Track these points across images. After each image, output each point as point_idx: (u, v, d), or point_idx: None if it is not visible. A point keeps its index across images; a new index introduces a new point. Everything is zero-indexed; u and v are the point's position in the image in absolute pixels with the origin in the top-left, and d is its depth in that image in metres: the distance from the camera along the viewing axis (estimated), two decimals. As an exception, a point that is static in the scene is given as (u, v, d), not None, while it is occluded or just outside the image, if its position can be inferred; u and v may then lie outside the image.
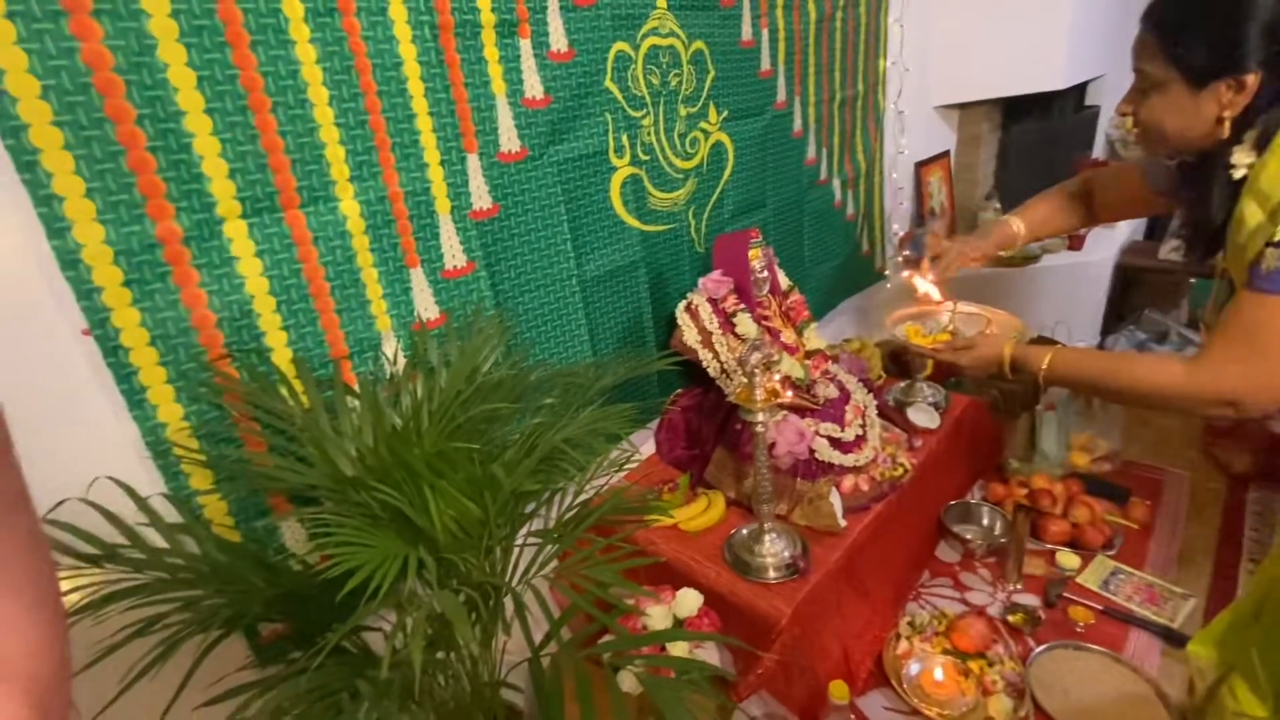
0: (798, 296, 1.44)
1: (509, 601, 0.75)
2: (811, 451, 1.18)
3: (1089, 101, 2.68)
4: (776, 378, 1.06)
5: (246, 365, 0.81)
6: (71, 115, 0.66)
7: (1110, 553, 1.37)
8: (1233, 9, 0.83)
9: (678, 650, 0.93)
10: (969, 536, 1.40)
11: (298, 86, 0.80)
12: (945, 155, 2.32)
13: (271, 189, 0.81)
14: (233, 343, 0.81)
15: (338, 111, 0.84)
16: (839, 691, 0.97)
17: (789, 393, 1.21)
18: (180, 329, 0.76)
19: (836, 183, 1.85)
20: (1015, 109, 2.36)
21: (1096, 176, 1.32)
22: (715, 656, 0.99)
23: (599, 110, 1.16)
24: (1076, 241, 2.24)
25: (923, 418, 1.43)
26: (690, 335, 1.28)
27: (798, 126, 1.65)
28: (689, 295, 1.32)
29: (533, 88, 1.05)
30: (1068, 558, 1.35)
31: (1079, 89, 2.53)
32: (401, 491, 0.73)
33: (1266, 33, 0.82)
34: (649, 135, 1.27)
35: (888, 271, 2.18)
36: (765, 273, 1.34)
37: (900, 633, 1.20)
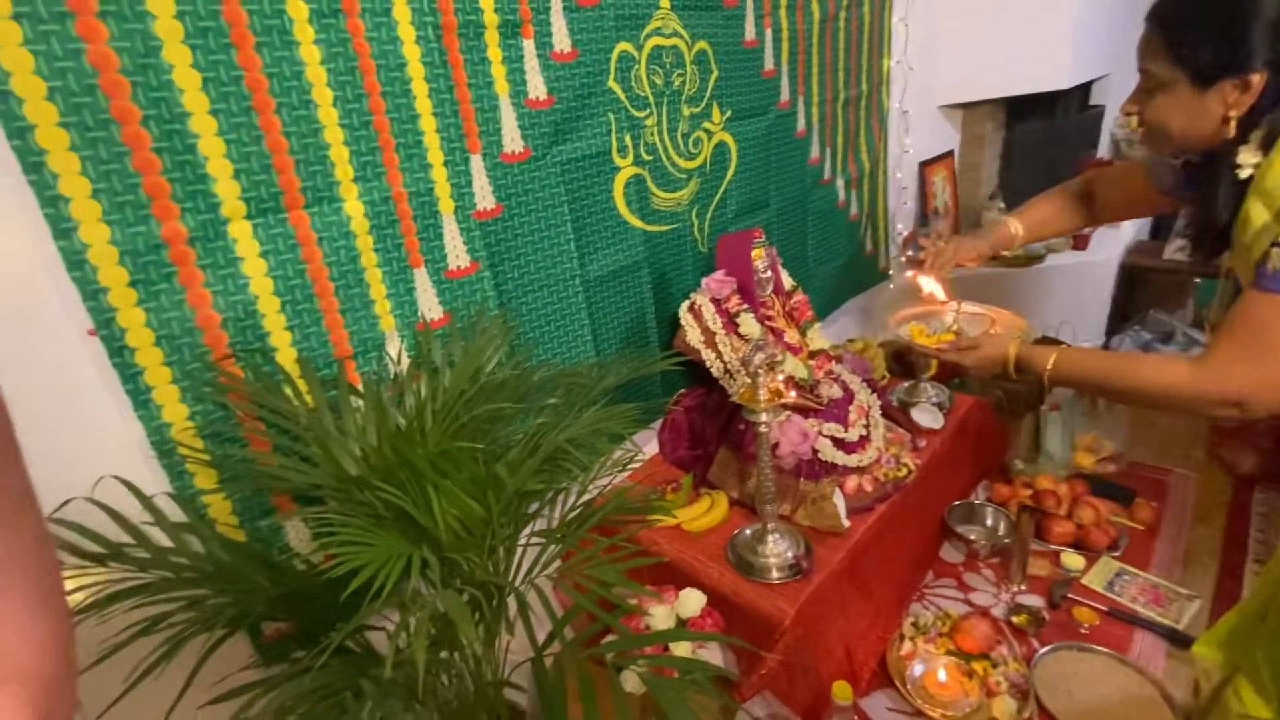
0: (801, 296, 1.44)
1: (512, 601, 0.75)
2: (815, 452, 1.18)
3: (1094, 101, 2.67)
4: (780, 378, 1.06)
5: (251, 365, 0.82)
6: (78, 116, 0.66)
7: (1115, 554, 1.37)
8: (1238, 8, 0.83)
9: (681, 650, 0.93)
10: (973, 537, 1.39)
11: (302, 87, 0.81)
12: (949, 155, 2.31)
13: (276, 189, 0.81)
14: (237, 343, 0.81)
15: (342, 112, 0.85)
16: (842, 692, 0.97)
17: (792, 393, 1.21)
18: (185, 329, 0.77)
19: (840, 182, 1.85)
20: (1020, 108, 2.35)
21: (1099, 177, 1.31)
22: (718, 657, 0.99)
23: (602, 110, 1.16)
24: (1081, 241, 2.23)
25: (927, 418, 1.42)
26: (693, 335, 1.28)
27: (801, 126, 1.65)
28: (692, 295, 1.32)
29: (536, 88, 1.05)
30: (1072, 559, 1.34)
31: (1084, 88, 2.52)
32: (405, 491, 0.73)
33: (1272, 32, 0.81)
34: (652, 135, 1.27)
35: (891, 271, 2.18)
36: (769, 273, 1.34)
37: (904, 633, 1.20)
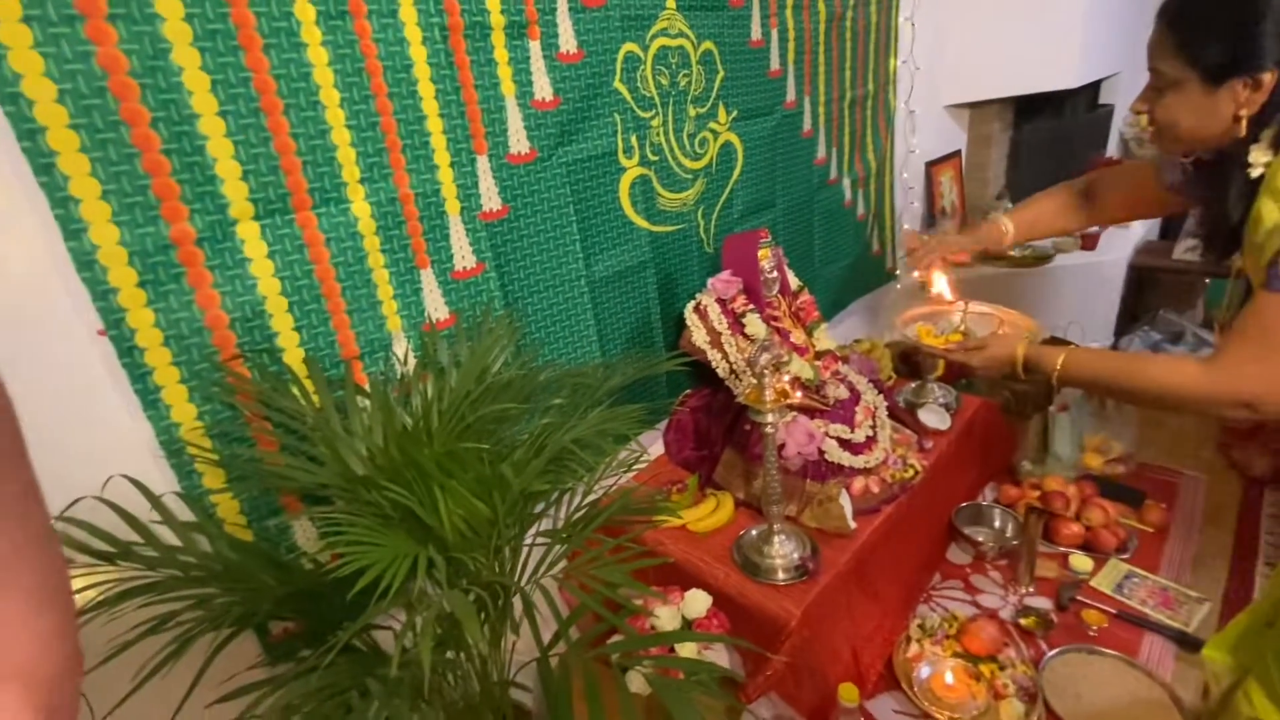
0: (807, 297, 1.44)
1: (518, 601, 0.75)
2: (821, 453, 1.18)
3: (1102, 100, 2.65)
4: (786, 378, 1.05)
5: (259, 365, 0.82)
6: (88, 118, 0.67)
7: (1124, 556, 1.36)
8: (1249, 7, 0.82)
9: (686, 651, 0.93)
10: (980, 539, 1.38)
11: (310, 89, 0.81)
12: (956, 155, 2.30)
13: (284, 191, 0.81)
14: (245, 343, 0.81)
15: (349, 114, 0.85)
16: (849, 694, 0.97)
17: (798, 394, 1.21)
18: (194, 329, 0.77)
19: (847, 182, 1.84)
20: (1027, 108, 2.34)
21: (1102, 176, 1.30)
22: (724, 658, 0.99)
23: (608, 111, 1.16)
24: (1090, 241, 2.22)
25: (934, 419, 1.42)
26: (699, 336, 1.28)
27: (807, 126, 1.65)
28: (698, 296, 1.32)
29: (542, 89, 1.06)
30: (1081, 561, 1.33)
31: (1092, 87, 2.50)
32: (412, 491, 0.73)
33: None
34: (658, 136, 1.27)
35: (898, 272, 2.17)
36: (775, 273, 1.34)
37: (910, 635, 1.19)
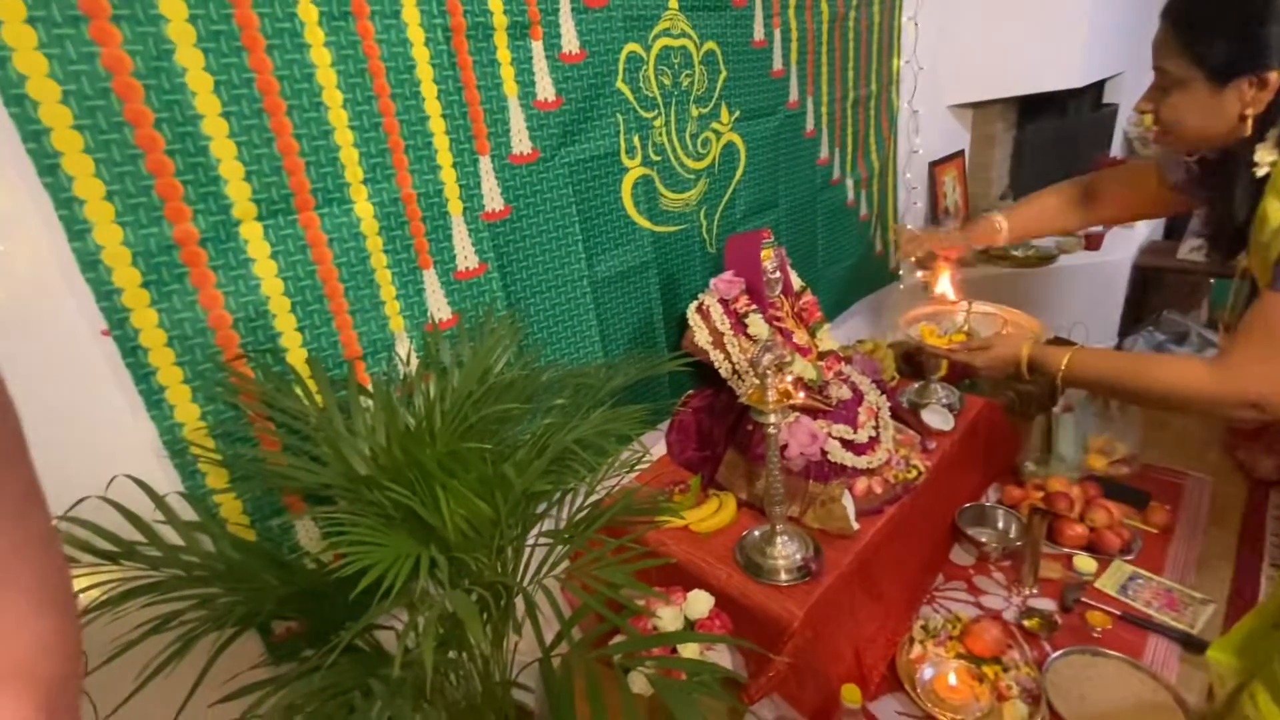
0: (810, 297, 1.43)
1: (520, 601, 0.75)
2: (824, 453, 1.18)
3: (1107, 100, 2.64)
4: (789, 379, 1.05)
5: (262, 365, 0.82)
6: (91, 119, 0.67)
7: (1128, 557, 1.35)
8: (1255, 6, 0.82)
9: (689, 652, 0.93)
10: (984, 540, 1.38)
11: (313, 90, 0.81)
12: (960, 155, 2.30)
13: (287, 191, 0.81)
14: (248, 343, 0.82)
15: (352, 114, 0.85)
16: (851, 695, 0.97)
17: (801, 394, 1.20)
18: (197, 329, 0.77)
19: (849, 182, 1.84)
20: (1031, 107, 2.33)
21: (1104, 176, 1.30)
22: (726, 659, 0.99)
23: (610, 111, 1.16)
24: (1094, 241, 2.21)
25: (937, 419, 1.41)
26: (702, 336, 1.28)
27: (810, 126, 1.65)
28: (700, 296, 1.32)
29: (544, 89, 1.06)
30: (1085, 562, 1.33)
31: (1096, 87, 2.50)
32: (414, 491, 0.73)
33: None
34: (660, 136, 1.27)
35: (901, 272, 2.16)
36: (777, 273, 1.33)
37: (914, 636, 1.19)
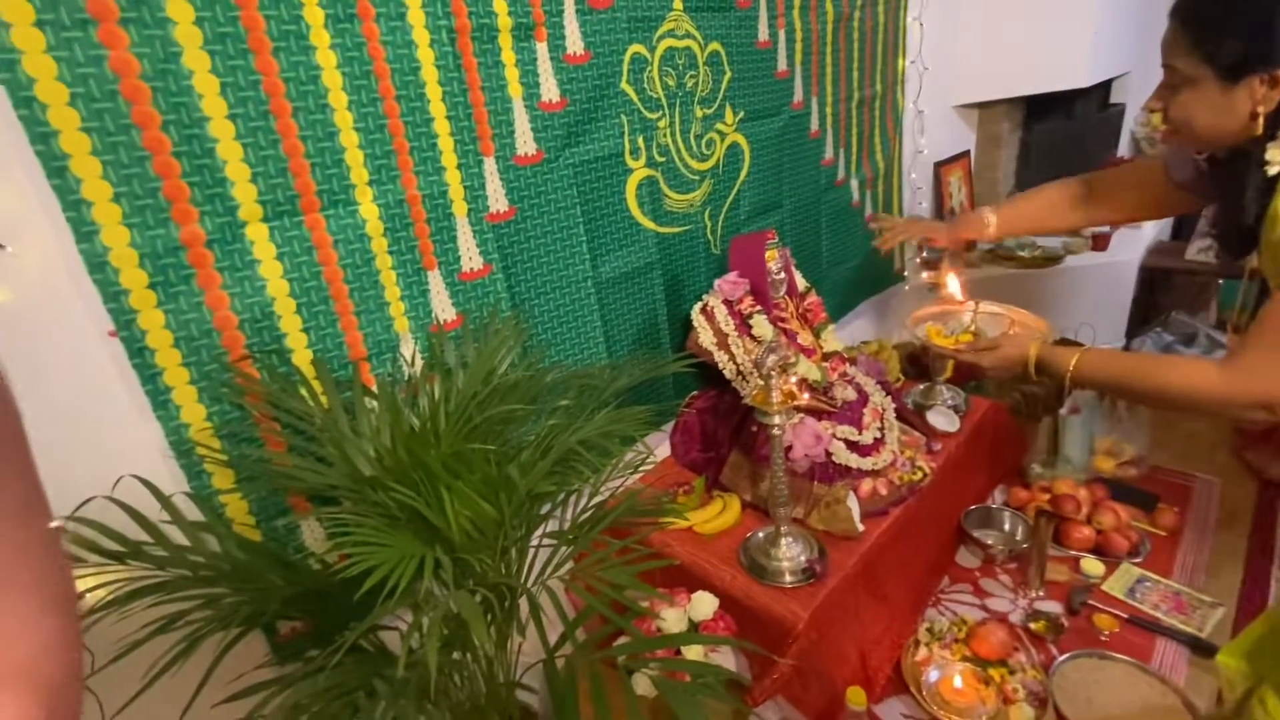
0: (815, 298, 1.43)
1: (524, 602, 0.75)
2: (828, 454, 1.17)
3: (1114, 99, 2.63)
4: (793, 380, 1.05)
5: (267, 366, 0.82)
6: (99, 121, 0.67)
7: (1136, 560, 1.34)
8: (1265, 3, 0.81)
9: (693, 654, 0.93)
10: (990, 542, 1.37)
11: (318, 92, 0.81)
12: (965, 155, 2.29)
13: (292, 193, 0.82)
14: (254, 344, 0.82)
15: (357, 116, 0.85)
16: (856, 698, 0.96)
17: (806, 395, 1.20)
18: (203, 330, 0.78)
19: (854, 183, 1.84)
20: (1037, 107, 2.32)
21: (1106, 175, 1.28)
22: (731, 661, 0.99)
23: (615, 112, 1.16)
24: (1101, 242, 2.20)
25: (942, 421, 1.41)
26: (706, 337, 1.27)
27: (815, 127, 1.64)
28: (705, 297, 1.32)
29: (549, 90, 1.06)
30: (1092, 564, 1.32)
31: (1103, 87, 2.48)
32: (419, 492, 0.73)
33: None
34: (665, 137, 1.27)
35: (906, 273, 2.16)
36: (782, 274, 1.33)
37: (919, 639, 1.18)
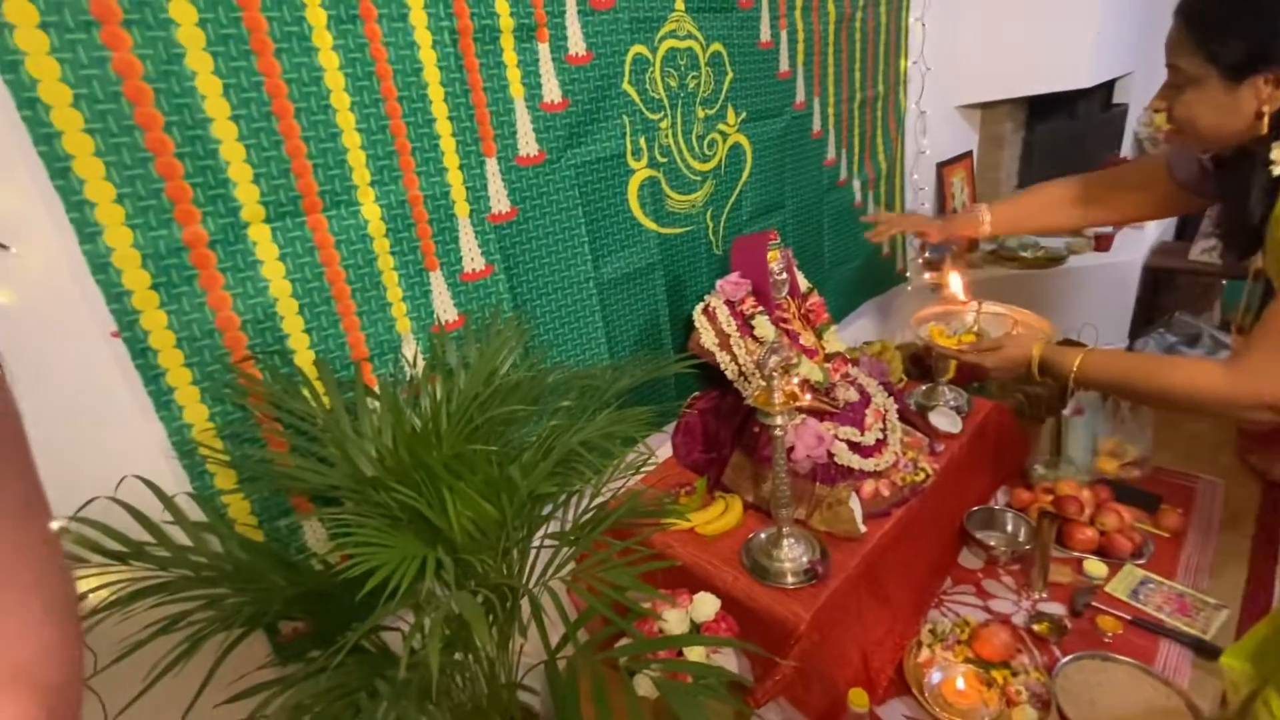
0: (817, 299, 1.43)
1: (526, 603, 0.75)
2: (831, 455, 1.17)
3: (1116, 99, 2.62)
4: (795, 381, 1.05)
5: (269, 367, 0.83)
6: (102, 123, 0.67)
7: (1140, 561, 1.34)
8: (1269, 2, 0.81)
9: (695, 655, 0.93)
10: (992, 543, 1.37)
11: (320, 93, 0.82)
12: (968, 155, 2.29)
13: (295, 193, 0.82)
14: (256, 344, 0.82)
15: (359, 117, 0.85)
16: (859, 699, 0.96)
17: (808, 396, 1.20)
18: (206, 331, 0.78)
19: (857, 184, 1.83)
20: (1040, 108, 2.32)
21: (1108, 174, 1.27)
22: (732, 662, 0.99)
23: (617, 113, 1.16)
24: (1104, 242, 2.19)
25: (945, 422, 1.41)
26: (708, 338, 1.27)
27: (817, 127, 1.64)
28: (706, 297, 1.32)
29: (551, 91, 1.06)
30: (1095, 566, 1.32)
31: (1106, 87, 2.48)
32: (420, 493, 0.73)
33: None
34: (667, 137, 1.27)
35: (909, 274, 2.15)
36: (784, 274, 1.33)
37: (921, 640, 1.18)
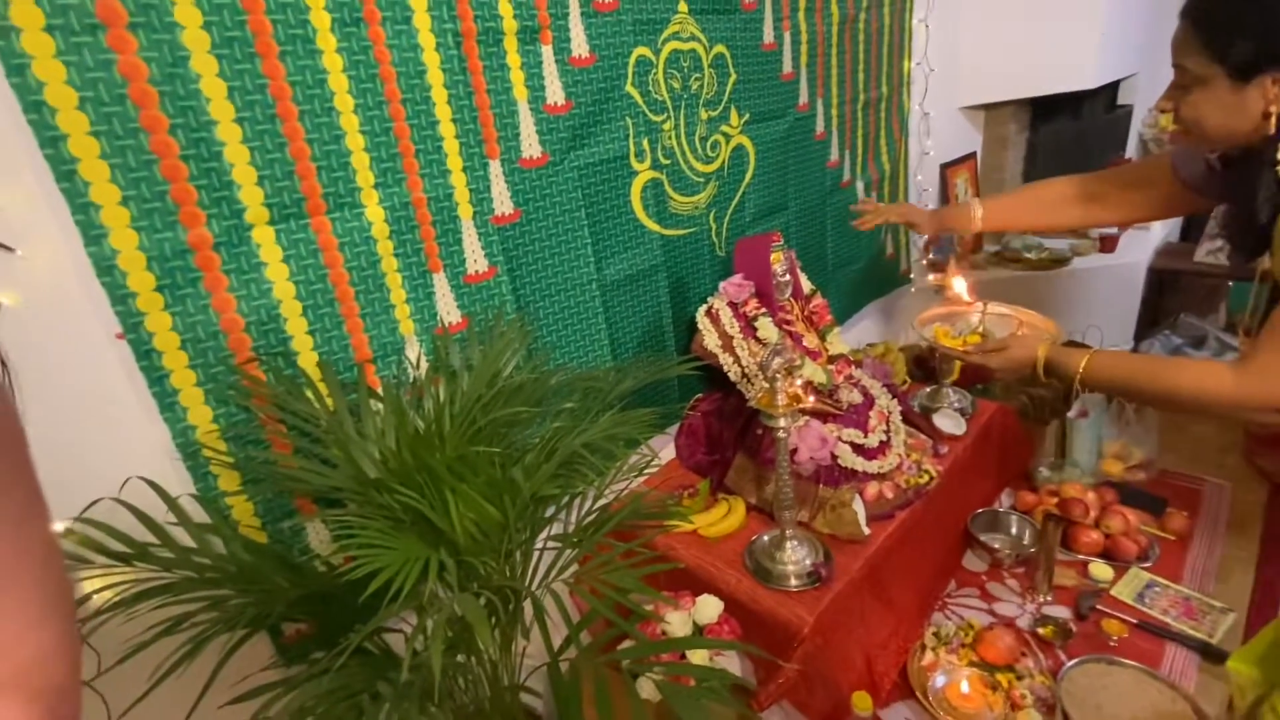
0: (820, 300, 1.43)
1: (528, 606, 0.75)
2: (834, 457, 1.17)
3: (1121, 100, 2.61)
4: (798, 382, 1.05)
5: (273, 368, 0.83)
6: (108, 125, 0.68)
7: (1145, 564, 1.33)
8: (1276, 1, 0.81)
9: (697, 658, 0.93)
10: (997, 546, 1.36)
11: (324, 95, 0.82)
12: (972, 157, 2.28)
13: (298, 195, 0.82)
14: (260, 346, 0.82)
15: (363, 119, 0.86)
16: (862, 703, 0.96)
17: (811, 398, 1.20)
18: (210, 333, 0.78)
19: (860, 185, 1.83)
20: (1044, 109, 2.31)
21: (1110, 174, 1.26)
22: (735, 665, 0.98)
23: (620, 115, 1.16)
24: (1109, 243, 2.18)
25: (949, 424, 1.40)
26: (711, 339, 1.27)
27: (820, 129, 1.64)
28: (709, 299, 1.32)
29: (554, 93, 1.06)
30: (1100, 569, 1.31)
31: (1111, 88, 2.47)
32: (423, 494, 0.73)
33: None
34: (670, 139, 1.27)
35: (913, 275, 2.15)
36: (787, 276, 1.33)
37: (925, 643, 1.18)
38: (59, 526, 0.64)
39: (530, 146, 1.05)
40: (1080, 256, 2.17)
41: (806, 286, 1.42)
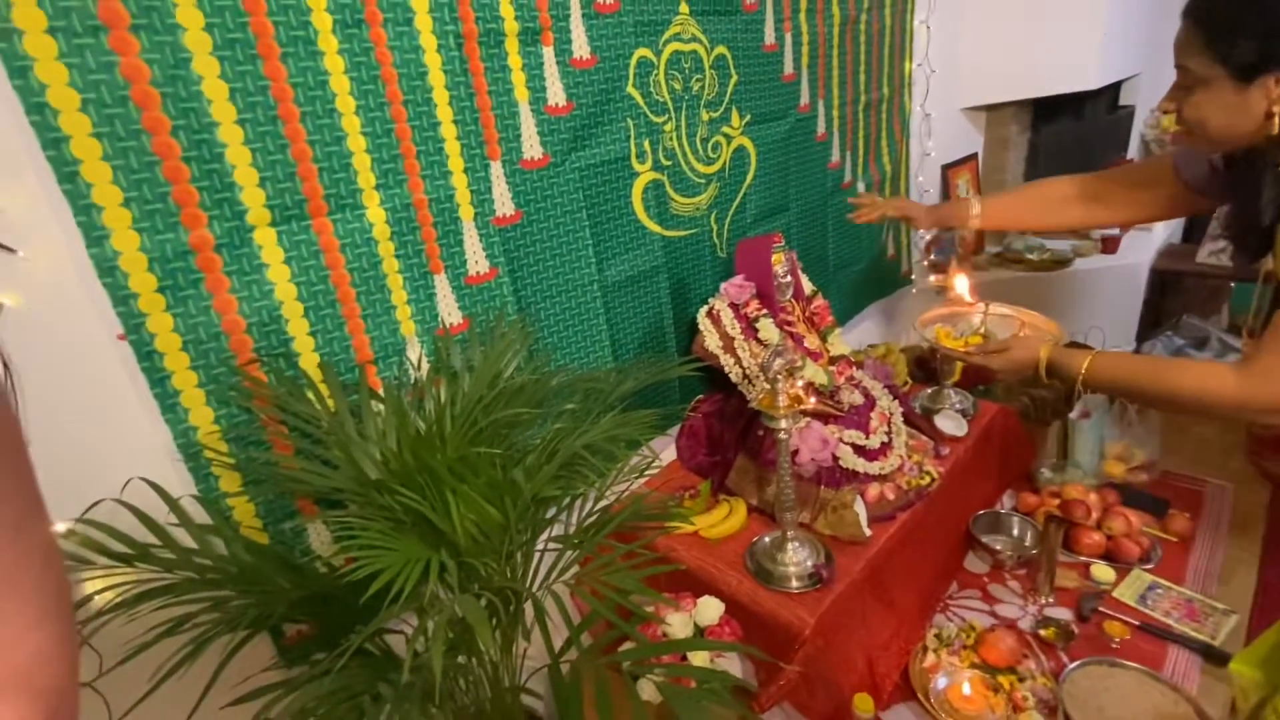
0: (822, 301, 1.43)
1: (529, 607, 0.75)
2: (835, 459, 1.17)
3: (1123, 101, 2.61)
4: (800, 384, 1.05)
5: (275, 370, 0.83)
6: (110, 127, 0.68)
7: (1148, 566, 1.33)
8: (1278, 2, 0.81)
9: (698, 659, 0.92)
10: (998, 547, 1.36)
11: (326, 97, 0.82)
12: (973, 158, 2.28)
13: (300, 197, 0.82)
14: (262, 347, 0.82)
15: (364, 120, 0.86)
16: (863, 705, 0.96)
17: (812, 399, 1.20)
18: (211, 334, 0.78)
19: (861, 186, 1.83)
20: (1046, 110, 2.31)
21: (1112, 174, 1.26)
22: (736, 667, 0.98)
23: (621, 116, 1.16)
24: (1111, 244, 2.18)
25: (950, 425, 1.40)
26: (712, 340, 1.27)
27: (821, 130, 1.64)
28: (711, 300, 1.32)
29: (555, 95, 1.06)
30: (1102, 571, 1.31)
31: (1113, 89, 2.46)
32: (424, 495, 0.73)
33: None
34: (671, 140, 1.27)
35: (914, 276, 2.15)
36: (788, 277, 1.33)
37: (927, 645, 1.17)
38: (60, 527, 0.64)
39: (531, 147, 1.05)
40: (1082, 257, 2.17)
41: (808, 287, 1.42)
